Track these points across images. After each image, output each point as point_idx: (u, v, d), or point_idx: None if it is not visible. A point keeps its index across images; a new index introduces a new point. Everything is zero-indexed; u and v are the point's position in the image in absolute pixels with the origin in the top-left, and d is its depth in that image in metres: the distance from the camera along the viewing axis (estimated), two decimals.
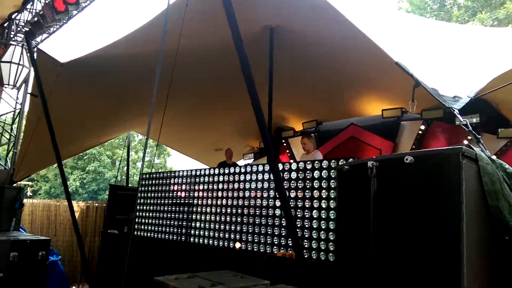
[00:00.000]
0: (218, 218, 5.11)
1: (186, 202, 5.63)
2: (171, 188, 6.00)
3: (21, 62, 8.16)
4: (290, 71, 6.70)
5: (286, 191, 4.20)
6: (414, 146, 6.54)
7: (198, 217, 5.39)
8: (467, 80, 4.24)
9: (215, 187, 5.26)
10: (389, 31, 5.64)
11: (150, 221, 6.23)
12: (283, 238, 4.33)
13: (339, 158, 4.08)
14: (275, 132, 8.77)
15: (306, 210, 4.15)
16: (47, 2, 5.97)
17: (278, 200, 4.42)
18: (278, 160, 8.15)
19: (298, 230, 4.08)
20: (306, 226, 4.10)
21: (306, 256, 3.97)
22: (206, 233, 5.21)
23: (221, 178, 5.22)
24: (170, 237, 5.77)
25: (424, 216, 2.12)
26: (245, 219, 4.76)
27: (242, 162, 9.34)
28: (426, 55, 5.18)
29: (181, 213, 5.68)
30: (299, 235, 4.05)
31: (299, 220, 4.16)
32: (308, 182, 4.24)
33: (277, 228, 4.41)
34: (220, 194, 5.17)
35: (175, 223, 5.73)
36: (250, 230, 4.67)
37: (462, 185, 2.03)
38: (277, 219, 4.43)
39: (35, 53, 6.36)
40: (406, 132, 6.85)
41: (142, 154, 25.04)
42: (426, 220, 2.10)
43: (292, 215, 3.89)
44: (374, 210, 2.39)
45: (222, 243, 4.98)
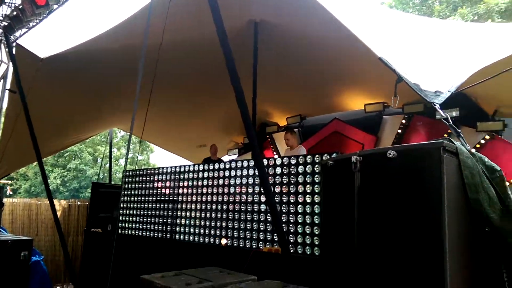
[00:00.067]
0: (203, 214, 5.10)
1: (170, 199, 5.59)
2: (155, 185, 5.95)
3: None
4: (274, 66, 6.70)
5: (271, 187, 4.21)
6: (395, 140, 6.63)
7: (183, 214, 5.36)
8: (448, 75, 4.33)
9: (200, 184, 5.24)
10: (372, 27, 5.70)
11: (134, 218, 6.17)
12: (269, 234, 4.35)
13: (323, 153, 4.11)
14: (259, 127, 8.78)
15: (291, 205, 4.17)
16: None
17: (263, 195, 4.44)
18: (263, 155, 8.17)
19: (283, 225, 4.10)
20: (291, 221, 4.12)
21: (292, 250, 3.99)
22: (192, 229, 5.20)
23: (205, 174, 5.20)
24: (155, 234, 5.73)
25: (407, 210, 2.16)
26: (230, 215, 4.76)
27: (226, 158, 9.33)
28: (408, 51, 5.26)
29: (165, 210, 5.64)
30: (285, 230, 4.07)
31: (284, 215, 4.18)
32: (292, 177, 4.26)
33: (262, 223, 4.43)
34: (205, 190, 5.16)
35: (160, 221, 5.70)
36: (235, 226, 4.68)
37: (443, 178, 2.06)
38: (262, 215, 4.45)
39: (14, 48, 6.20)
40: (388, 126, 6.94)
41: (125, 150, 24.76)
42: (408, 214, 2.14)
43: (277, 210, 3.91)
44: (358, 205, 2.42)
45: (207, 240, 4.98)
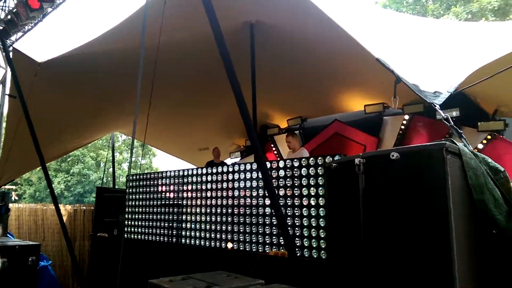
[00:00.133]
0: (208, 218, 5.13)
1: (175, 203, 5.63)
2: (160, 189, 5.99)
3: None
4: (272, 67, 6.70)
5: (275, 189, 4.24)
6: (397, 142, 6.65)
7: (188, 217, 5.40)
8: (446, 75, 4.36)
9: (204, 187, 5.28)
10: (368, 27, 5.73)
11: (140, 223, 6.21)
12: (275, 237, 4.37)
13: (326, 155, 4.14)
14: (260, 129, 8.78)
15: (296, 208, 4.19)
16: None
17: (267, 198, 4.47)
18: (265, 158, 8.20)
19: (289, 228, 4.11)
20: (297, 224, 4.14)
21: (298, 254, 4.01)
22: (197, 233, 5.23)
23: (209, 178, 5.24)
24: (161, 238, 5.77)
25: (412, 211, 2.19)
26: (235, 219, 4.79)
27: (229, 161, 9.36)
28: (405, 51, 5.29)
29: (171, 214, 5.68)
30: (291, 234, 4.09)
31: (290, 218, 4.20)
32: (296, 180, 4.29)
33: (268, 227, 4.45)
34: (209, 194, 5.19)
35: (166, 225, 5.73)
36: (241, 230, 4.70)
37: (447, 180, 2.09)
38: (267, 218, 4.47)
39: (11, 52, 6.20)
40: (389, 127, 6.95)
41: (127, 154, 24.78)
42: (414, 215, 2.17)
43: (282, 214, 3.93)
44: (363, 207, 2.46)
45: (214, 244, 5.01)
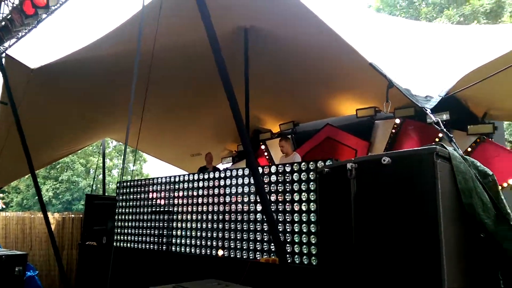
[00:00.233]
0: (199, 225, 5.08)
1: (166, 209, 5.57)
2: (150, 195, 5.92)
3: None
4: (264, 72, 6.70)
5: (267, 195, 4.21)
6: (387, 146, 6.66)
7: (179, 224, 5.34)
8: (438, 79, 4.37)
9: (195, 193, 5.23)
10: (361, 31, 5.75)
11: (129, 231, 6.13)
12: (266, 243, 4.34)
13: (317, 160, 4.13)
14: (253, 134, 8.75)
15: (287, 214, 4.16)
16: (15, 5, 5.74)
17: (259, 204, 4.43)
18: (257, 163, 8.16)
19: (280, 234, 4.08)
20: (288, 230, 4.12)
21: (289, 261, 3.98)
22: (188, 241, 5.17)
23: (201, 184, 5.20)
24: (151, 246, 5.69)
25: (403, 215, 2.18)
26: (226, 225, 4.75)
27: (220, 166, 9.30)
28: (398, 55, 5.31)
29: (161, 221, 5.61)
30: (282, 240, 4.06)
31: (281, 224, 4.17)
32: (288, 185, 4.27)
33: (259, 233, 4.42)
34: (200, 200, 5.14)
35: (156, 232, 5.66)
36: (232, 237, 4.66)
37: (437, 184, 2.10)
38: (258, 224, 4.44)
39: (3, 59, 6.15)
40: (380, 131, 6.96)
41: (117, 161, 24.58)
42: (405, 219, 2.17)
43: (274, 220, 3.89)
44: (355, 211, 2.44)
45: (204, 251, 4.96)
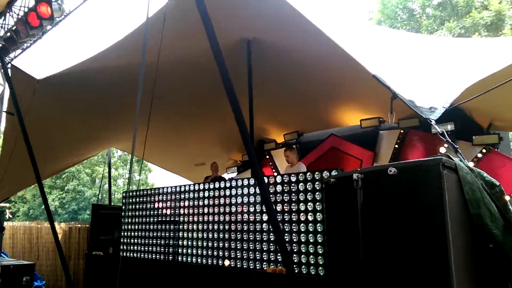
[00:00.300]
0: (205, 235, 5.08)
1: (172, 219, 5.58)
2: (156, 205, 5.94)
3: None
4: (268, 83, 6.74)
5: (273, 205, 4.22)
6: (393, 156, 6.67)
7: (185, 234, 5.34)
8: (442, 90, 4.41)
9: (201, 203, 5.24)
10: (363, 44, 5.81)
11: (136, 240, 6.14)
12: (272, 253, 4.33)
13: (323, 170, 4.14)
14: (257, 144, 8.77)
15: (294, 224, 4.16)
16: (21, 17, 5.85)
17: (265, 214, 4.44)
18: (262, 173, 8.18)
19: (287, 244, 4.06)
20: (295, 240, 4.11)
21: (296, 271, 3.97)
22: (194, 251, 5.17)
23: (206, 194, 5.22)
24: (158, 256, 5.69)
25: (410, 226, 2.20)
26: (232, 235, 4.75)
27: (226, 176, 9.33)
28: (401, 67, 5.35)
29: (167, 231, 5.63)
30: (288, 250, 4.04)
31: (287, 234, 4.17)
32: (293, 195, 4.27)
33: (265, 243, 4.41)
34: (206, 210, 5.15)
35: (162, 242, 5.67)
36: (238, 247, 4.66)
37: (444, 194, 2.12)
38: (265, 234, 4.43)
39: (9, 69, 6.24)
40: (385, 141, 6.97)
41: (123, 171, 24.62)
42: (413, 230, 2.18)
43: (280, 230, 3.91)
44: (362, 222, 2.46)
45: (211, 261, 4.95)
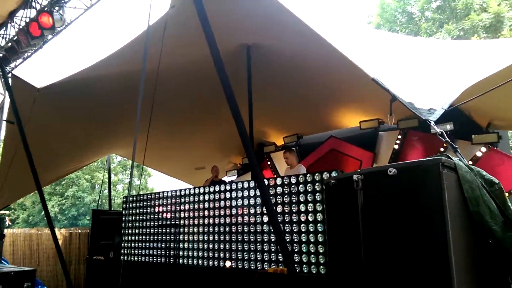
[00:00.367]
0: (206, 237, 5.10)
1: (172, 223, 5.60)
2: (157, 209, 5.96)
3: None
4: (268, 87, 6.77)
5: (273, 206, 4.24)
6: (393, 156, 6.70)
7: (186, 237, 5.36)
8: (440, 92, 4.44)
9: (201, 206, 5.26)
10: (362, 47, 5.84)
11: (137, 244, 6.15)
12: (273, 254, 4.36)
13: (323, 171, 4.16)
14: (257, 147, 8.79)
15: (294, 224, 4.19)
16: (22, 27, 5.89)
17: (265, 215, 4.47)
18: (262, 175, 8.19)
19: (287, 244, 4.10)
20: (295, 240, 4.14)
21: (298, 270, 3.99)
22: (195, 253, 5.19)
23: (206, 197, 5.24)
24: (159, 260, 5.70)
25: (411, 226, 2.21)
26: (233, 237, 4.77)
27: (226, 179, 9.34)
28: (400, 69, 5.38)
29: (168, 234, 5.64)
30: (289, 250, 4.07)
31: (288, 234, 4.20)
32: (293, 196, 4.30)
33: (266, 244, 4.44)
34: (206, 212, 5.18)
35: (163, 245, 5.68)
36: (239, 248, 4.68)
37: (444, 194, 2.14)
38: (265, 235, 4.46)
39: (10, 79, 6.27)
40: (384, 142, 7.00)
41: (122, 176, 24.60)
42: (413, 230, 2.20)
43: (281, 230, 3.93)
44: (363, 222, 2.48)
45: (212, 263, 4.97)
